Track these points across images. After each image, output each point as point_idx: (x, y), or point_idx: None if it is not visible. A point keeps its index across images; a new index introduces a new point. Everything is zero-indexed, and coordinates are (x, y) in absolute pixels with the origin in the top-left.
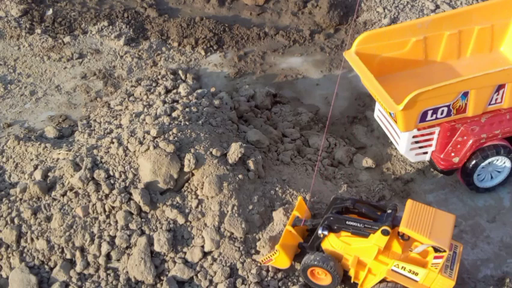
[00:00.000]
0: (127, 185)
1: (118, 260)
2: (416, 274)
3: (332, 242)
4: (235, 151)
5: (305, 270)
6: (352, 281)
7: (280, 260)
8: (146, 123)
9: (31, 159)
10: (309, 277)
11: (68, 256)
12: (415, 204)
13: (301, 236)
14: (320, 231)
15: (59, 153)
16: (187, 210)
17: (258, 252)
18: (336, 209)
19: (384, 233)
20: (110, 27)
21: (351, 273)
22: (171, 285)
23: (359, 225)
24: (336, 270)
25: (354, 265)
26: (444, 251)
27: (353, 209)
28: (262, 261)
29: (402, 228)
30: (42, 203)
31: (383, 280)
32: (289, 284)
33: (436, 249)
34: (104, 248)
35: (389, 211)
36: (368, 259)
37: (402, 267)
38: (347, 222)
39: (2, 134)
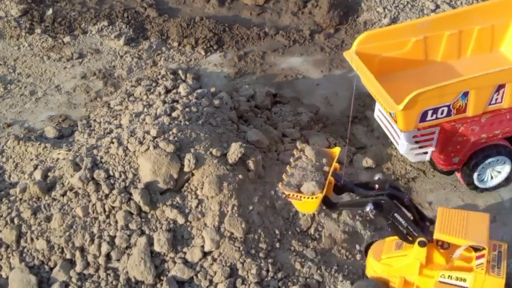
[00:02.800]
0: (127, 185)
1: (118, 260)
2: (464, 280)
3: (374, 267)
4: (235, 151)
5: None
6: None
7: (309, 206)
8: (146, 123)
9: (31, 159)
10: None
11: (68, 256)
12: (446, 210)
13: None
14: (368, 208)
15: (59, 153)
16: (187, 210)
17: (259, 251)
18: (389, 195)
19: (421, 244)
20: (110, 27)
21: None
22: (171, 285)
23: (403, 222)
24: None
25: (401, 286)
26: (484, 249)
27: (405, 206)
28: (288, 195)
29: (436, 235)
30: (42, 203)
31: None
32: (289, 284)
33: (476, 249)
34: (104, 248)
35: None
36: (413, 276)
37: (449, 276)
38: (394, 214)
39: (2, 134)
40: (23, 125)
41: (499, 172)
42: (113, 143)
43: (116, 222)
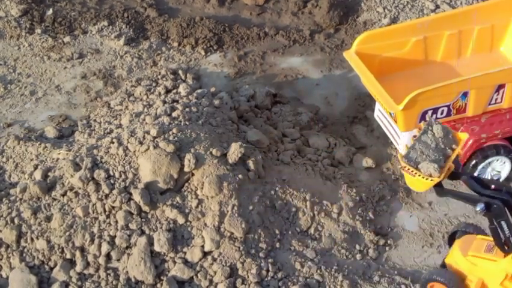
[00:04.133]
0: (127, 185)
1: (118, 260)
2: None
3: (457, 260)
4: (235, 151)
5: (425, 283)
6: None
7: (420, 185)
8: (146, 123)
9: (31, 159)
10: None
11: (68, 256)
12: None
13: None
14: (479, 207)
15: (59, 153)
16: (187, 210)
17: (259, 251)
18: (503, 201)
19: None
20: (110, 27)
21: None
22: (171, 285)
23: (506, 232)
24: None
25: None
26: None
27: None
28: (404, 167)
29: None
30: (42, 203)
31: None
32: (289, 284)
33: None
34: (104, 248)
35: None
36: (492, 284)
37: None
38: (501, 221)
39: (2, 134)
40: (23, 125)
41: (499, 172)
42: (113, 143)
43: (116, 222)
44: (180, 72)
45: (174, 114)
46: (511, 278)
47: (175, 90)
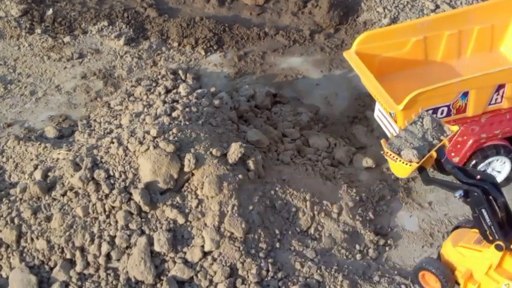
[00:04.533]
0: (127, 185)
1: (118, 260)
2: None
3: (448, 251)
4: (235, 151)
5: (417, 271)
6: None
7: (402, 170)
8: (146, 123)
9: (31, 159)
10: (419, 280)
11: (68, 256)
12: None
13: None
14: (457, 193)
15: (59, 153)
16: (187, 210)
17: (259, 251)
18: (484, 190)
19: (498, 247)
20: (110, 27)
21: (462, 285)
22: (171, 285)
23: (487, 220)
24: (448, 280)
25: (465, 278)
26: None
27: (498, 206)
28: (387, 153)
29: None
30: (42, 203)
31: None
32: (289, 284)
33: None
34: (104, 248)
35: None
36: (479, 274)
37: None
38: (481, 209)
39: (2, 134)
40: (23, 125)
41: (499, 172)
42: (113, 143)
43: (116, 222)
44: (180, 72)
45: (174, 114)
46: (496, 267)
47: (175, 90)
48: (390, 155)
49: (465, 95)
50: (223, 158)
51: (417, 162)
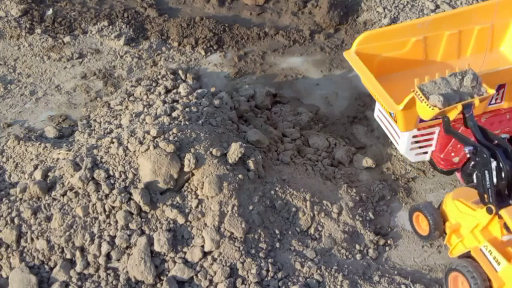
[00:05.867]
0: (127, 185)
1: (118, 260)
2: (499, 264)
3: (447, 201)
4: (235, 151)
5: (413, 211)
6: (445, 243)
7: (425, 112)
8: (146, 123)
9: (31, 159)
10: (412, 220)
11: (68, 256)
12: None
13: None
14: (467, 149)
15: (59, 153)
16: (187, 210)
17: (259, 251)
18: (494, 155)
19: (488, 210)
20: (110, 27)
21: (447, 235)
22: (171, 285)
23: (487, 183)
24: (437, 228)
25: (451, 229)
26: None
27: (505, 174)
28: (415, 91)
29: (501, 212)
30: (42, 203)
31: (468, 255)
32: (289, 284)
33: None
34: (104, 248)
35: None
36: (464, 230)
37: (490, 251)
38: (484, 171)
39: (2, 134)
40: (23, 125)
41: None
42: (113, 143)
43: (116, 222)
44: (180, 72)
45: (174, 114)
46: (482, 229)
47: (175, 90)
48: (419, 94)
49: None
50: (223, 158)
51: (440, 109)
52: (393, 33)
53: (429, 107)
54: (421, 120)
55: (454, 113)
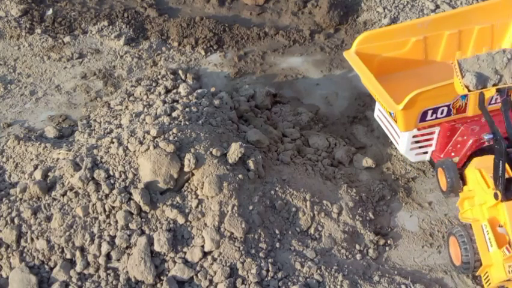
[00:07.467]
0: (127, 184)
1: (118, 260)
2: (491, 245)
3: (470, 168)
4: (235, 151)
5: (438, 166)
6: (457, 205)
7: (457, 87)
8: (146, 123)
9: (31, 159)
10: (437, 173)
11: (68, 256)
12: None
13: None
14: (487, 137)
15: (59, 153)
16: (187, 210)
17: (259, 251)
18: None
19: (495, 195)
20: (110, 27)
21: (460, 199)
22: (171, 285)
23: (499, 172)
24: (453, 189)
25: (466, 195)
26: None
27: None
28: (453, 64)
29: (505, 203)
30: (42, 203)
31: (470, 226)
32: (289, 284)
33: None
34: (104, 248)
35: None
36: (477, 201)
37: (487, 231)
38: (499, 160)
39: (2, 134)
40: (23, 125)
41: None
42: (113, 143)
43: (116, 222)
44: (180, 72)
45: (174, 114)
46: (489, 207)
47: (175, 90)
48: (456, 68)
49: (465, 95)
50: (223, 158)
51: (470, 91)
52: (393, 33)
53: (462, 85)
54: (421, 120)
55: (488, 93)
